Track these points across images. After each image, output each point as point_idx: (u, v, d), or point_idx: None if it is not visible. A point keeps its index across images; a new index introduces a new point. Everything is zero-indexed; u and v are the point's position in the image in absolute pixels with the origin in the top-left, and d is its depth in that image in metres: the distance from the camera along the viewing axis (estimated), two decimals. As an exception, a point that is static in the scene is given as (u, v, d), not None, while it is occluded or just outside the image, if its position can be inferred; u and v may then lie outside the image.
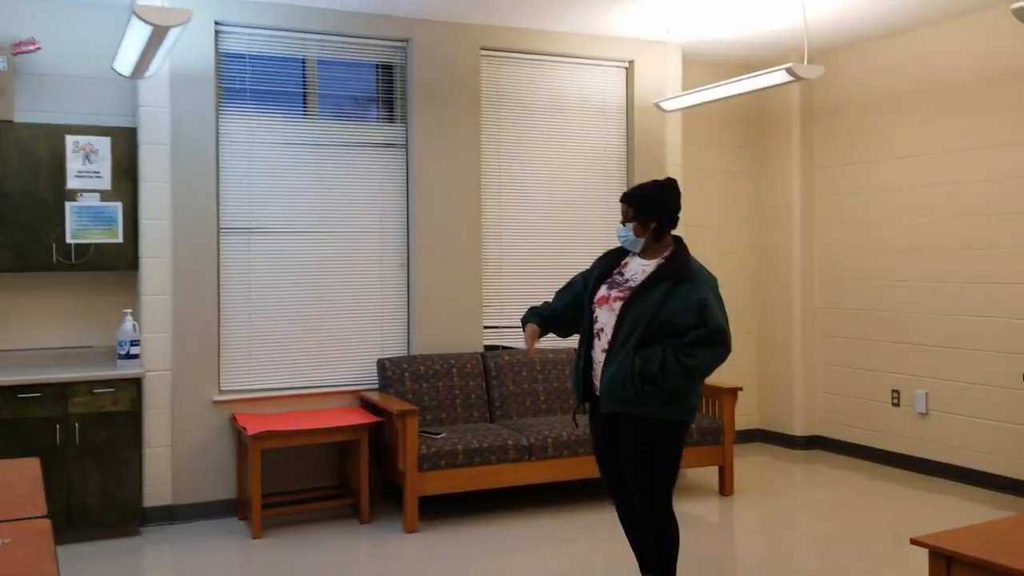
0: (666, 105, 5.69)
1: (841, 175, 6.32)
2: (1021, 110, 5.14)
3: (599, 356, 3.28)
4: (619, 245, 3.45)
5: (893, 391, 5.95)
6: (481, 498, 5.04)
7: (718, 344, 3.18)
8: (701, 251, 6.57)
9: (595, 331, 3.31)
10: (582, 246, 5.83)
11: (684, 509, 5.01)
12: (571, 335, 3.62)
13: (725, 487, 5.30)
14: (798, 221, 6.52)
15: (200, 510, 4.85)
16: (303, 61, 5.17)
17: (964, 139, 5.48)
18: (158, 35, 3.87)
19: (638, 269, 3.33)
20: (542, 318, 3.54)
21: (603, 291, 3.33)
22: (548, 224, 5.76)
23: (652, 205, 3.33)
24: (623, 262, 3.41)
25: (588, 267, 3.54)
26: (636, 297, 3.21)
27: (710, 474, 5.75)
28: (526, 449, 4.80)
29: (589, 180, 5.88)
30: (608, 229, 5.89)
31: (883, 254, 6.02)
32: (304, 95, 5.19)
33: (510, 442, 4.77)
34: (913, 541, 2.30)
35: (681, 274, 3.23)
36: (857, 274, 6.21)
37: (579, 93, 5.85)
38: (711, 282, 3.28)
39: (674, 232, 3.44)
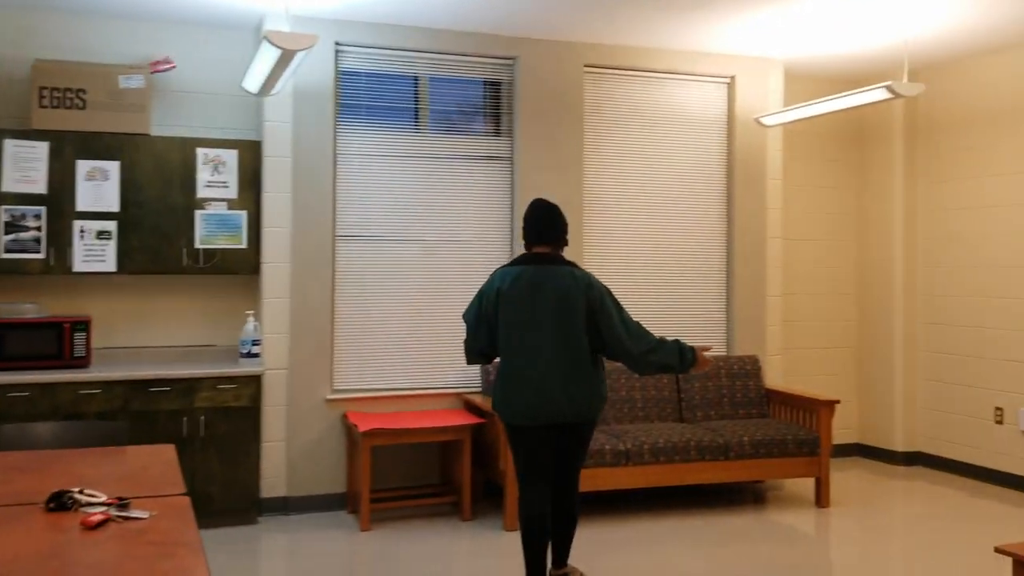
0: (767, 120, 5.74)
1: (945, 191, 6.23)
2: None
3: None
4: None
5: (996, 408, 5.83)
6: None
7: None
8: (801, 264, 6.64)
9: None
10: (682, 259, 5.93)
11: (779, 519, 5.05)
12: None
13: (821, 499, 5.29)
14: (900, 237, 6.44)
15: (312, 502, 5.14)
16: (415, 78, 5.44)
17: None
18: (285, 58, 4.17)
19: None
20: None
21: None
22: (648, 236, 5.87)
23: None
24: None
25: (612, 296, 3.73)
26: None
27: (807, 486, 5.75)
28: (623, 454, 4.92)
29: (690, 194, 5.96)
30: (708, 241, 5.98)
31: (987, 271, 5.91)
32: (416, 110, 5.45)
33: (607, 447, 4.90)
34: (997, 549, 2.32)
35: None
36: (961, 290, 6.11)
37: (681, 108, 5.94)
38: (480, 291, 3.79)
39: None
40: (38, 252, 4.74)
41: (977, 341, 5.98)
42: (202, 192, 5.03)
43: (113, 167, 4.86)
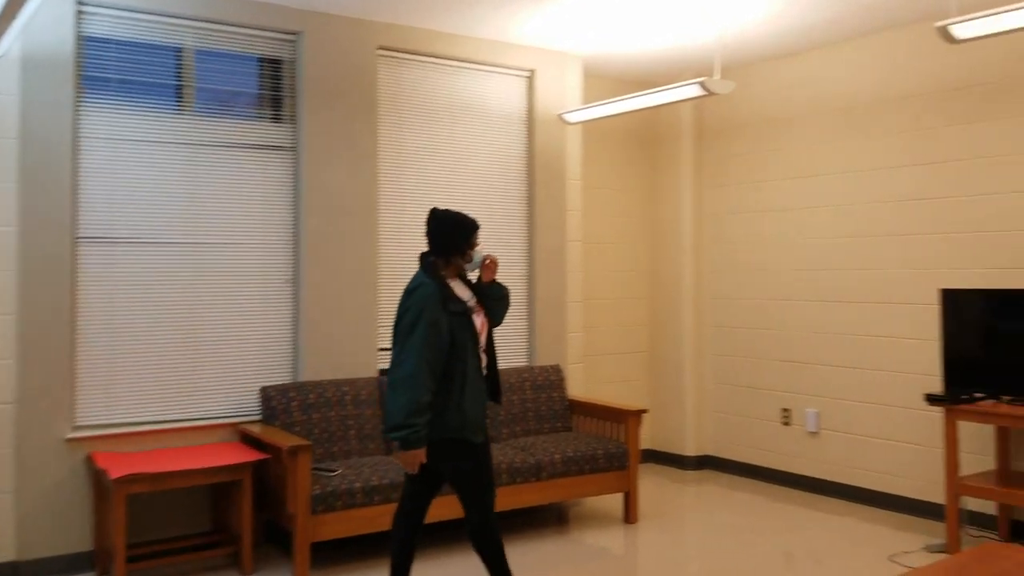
0: (570, 117, 5.47)
1: (731, 194, 6.31)
2: (908, 133, 5.24)
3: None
4: (435, 281, 3.35)
5: (783, 410, 5.96)
6: (379, 540, 4.60)
7: None
8: (596, 268, 6.47)
9: (481, 365, 3.44)
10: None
11: (589, 540, 4.77)
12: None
13: (630, 515, 5.09)
14: (689, 239, 6.46)
15: (50, 565, 4.16)
16: (179, 50, 4.58)
17: (853, 160, 5.55)
18: (11, 8, 3.27)
19: (465, 291, 3.47)
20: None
21: (477, 321, 3.45)
22: (445, 238, 5.38)
23: None
24: (452, 290, 3.40)
25: (424, 317, 3.24)
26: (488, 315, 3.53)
27: (607, 499, 5.56)
28: (430, 484, 4.41)
29: (491, 191, 5.57)
30: (510, 240, 5.62)
31: (772, 273, 6.03)
32: (179, 88, 4.59)
33: (401, 478, 4.36)
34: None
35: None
36: (747, 293, 6.20)
37: (481, 101, 5.53)
38: None
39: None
40: None
41: (763, 343, 6.10)
42: None
43: None
